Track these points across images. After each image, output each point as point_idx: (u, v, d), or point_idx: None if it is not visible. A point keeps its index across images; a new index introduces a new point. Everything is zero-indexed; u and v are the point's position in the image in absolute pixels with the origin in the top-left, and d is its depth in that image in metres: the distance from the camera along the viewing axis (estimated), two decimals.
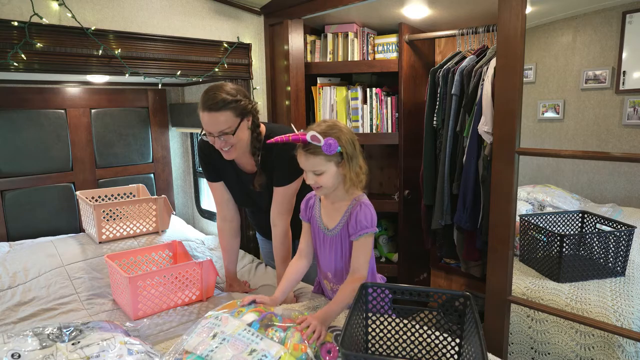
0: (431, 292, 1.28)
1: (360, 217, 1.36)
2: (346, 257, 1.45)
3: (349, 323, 1.11)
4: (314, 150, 1.30)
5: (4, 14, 1.64)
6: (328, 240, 1.46)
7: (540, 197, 2.55)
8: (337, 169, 1.34)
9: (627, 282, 1.85)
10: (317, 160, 1.31)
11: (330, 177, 1.34)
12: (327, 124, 1.35)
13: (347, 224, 1.40)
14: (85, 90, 2.55)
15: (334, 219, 1.43)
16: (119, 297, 1.77)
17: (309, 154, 1.31)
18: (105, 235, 2.21)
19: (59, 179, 2.51)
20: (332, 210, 1.44)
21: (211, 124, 1.50)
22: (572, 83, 2.48)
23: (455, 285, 2.80)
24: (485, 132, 2.05)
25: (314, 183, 1.36)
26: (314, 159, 1.31)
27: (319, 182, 1.35)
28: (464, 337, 1.22)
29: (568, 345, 1.71)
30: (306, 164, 1.34)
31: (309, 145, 1.29)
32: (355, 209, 1.38)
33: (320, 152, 1.29)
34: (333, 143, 1.27)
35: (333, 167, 1.33)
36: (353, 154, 1.34)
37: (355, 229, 1.37)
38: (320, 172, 1.33)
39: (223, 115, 1.49)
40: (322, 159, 1.31)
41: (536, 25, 2.55)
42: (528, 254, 2.09)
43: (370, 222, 1.37)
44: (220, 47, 2.25)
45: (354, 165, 1.35)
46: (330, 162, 1.32)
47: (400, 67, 2.47)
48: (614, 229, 1.96)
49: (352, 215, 1.38)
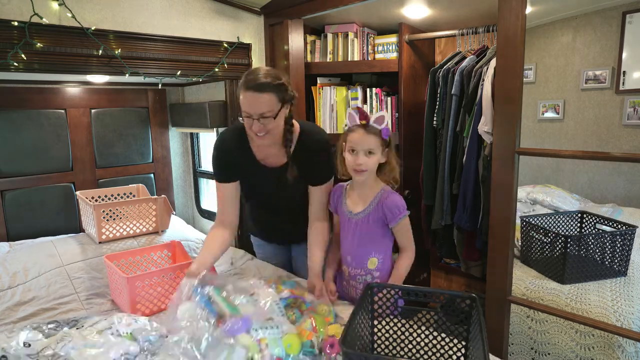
0: (437, 293, 1.29)
1: (395, 202, 1.51)
2: (372, 241, 1.56)
3: (352, 322, 1.11)
4: (373, 131, 1.46)
5: (4, 14, 1.64)
6: (352, 223, 1.57)
7: (540, 197, 2.55)
8: (381, 156, 1.49)
9: (628, 282, 1.85)
10: (374, 140, 1.46)
11: (377, 160, 1.49)
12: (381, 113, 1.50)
13: (379, 209, 1.52)
14: (85, 90, 2.55)
15: (360, 205, 1.57)
16: (118, 298, 1.77)
17: (369, 133, 1.46)
18: (105, 235, 2.21)
19: (59, 179, 2.51)
20: (358, 197, 1.58)
21: (253, 105, 1.46)
22: (572, 83, 2.48)
23: (455, 285, 2.80)
24: (485, 132, 2.05)
25: (363, 163, 1.47)
26: (372, 139, 1.46)
27: (367, 163, 1.47)
28: (470, 339, 1.21)
29: (568, 346, 1.71)
30: (363, 143, 1.46)
31: (371, 125, 1.46)
32: (386, 196, 1.52)
33: (378, 134, 1.46)
34: (388, 130, 1.48)
35: (380, 151, 1.48)
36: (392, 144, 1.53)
37: (393, 214, 1.51)
38: (373, 153, 1.47)
39: (267, 96, 1.46)
40: (378, 140, 1.46)
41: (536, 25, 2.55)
42: (528, 254, 2.08)
43: (404, 206, 1.53)
44: (220, 47, 2.24)
45: (390, 159, 1.52)
46: (381, 146, 1.48)
47: (400, 67, 2.47)
48: (614, 229, 1.96)
49: (386, 203, 1.51)
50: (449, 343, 1.26)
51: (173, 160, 3.00)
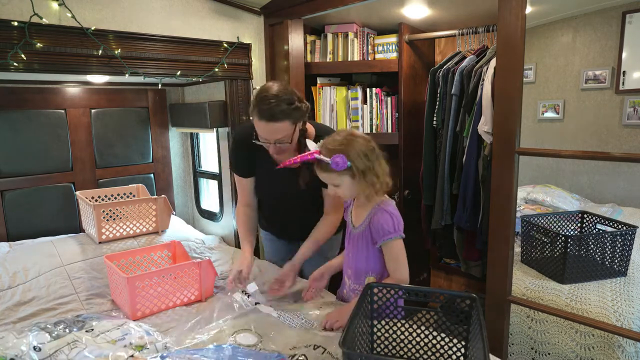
0: (437, 293, 1.29)
1: (381, 222, 1.39)
2: (366, 259, 1.47)
3: (352, 322, 1.11)
4: (325, 167, 1.35)
5: (4, 14, 1.64)
6: (354, 237, 1.50)
7: (540, 197, 2.55)
8: (352, 181, 1.37)
9: (628, 282, 1.85)
10: (331, 175, 1.37)
11: (347, 188, 1.39)
12: (341, 137, 1.37)
13: (369, 226, 1.43)
14: (85, 90, 2.55)
15: (360, 217, 1.48)
16: (118, 298, 1.77)
17: (322, 171, 1.39)
18: (105, 235, 2.20)
19: (59, 179, 2.51)
20: (360, 208, 1.49)
21: (269, 133, 1.51)
22: (572, 83, 2.48)
23: (455, 285, 2.80)
24: (485, 132, 2.05)
25: (334, 194, 1.43)
26: (327, 174, 1.38)
27: (338, 193, 1.41)
28: (470, 339, 1.21)
29: (568, 346, 1.71)
30: (323, 178, 1.41)
31: (320, 162, 1.36)
32: (376, 213, 1.41)
33: (329, 168, 1.34)
34: (340, 160, 1.31)
35: (348, 179, 1.37)
36: (366, 166, 1.35)
37: (378, 234, 1.40)
38: (337, 185, 1.39)
39: (282, 124, 1.48)
40: (334, 174, 1.36)
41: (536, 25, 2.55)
42: (528, 254, 2.08)
43: (392, 227, 1.39)
44: (220, 47, 2.24)
45: (369, 177, 1.36)
46: (343, 175, 1.36)
47: (400, 67, 2.47)
48: (615, 229, 1.96)
49: (373, 220, 1.41)
50: (448, 343, 1.26)
51: (173, 161, 3.00)
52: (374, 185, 1.37)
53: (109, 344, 1.32)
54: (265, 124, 1.48)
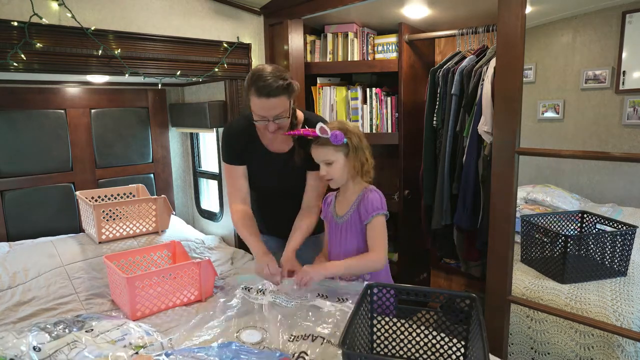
0: (437, 293, 1.29)
1: (371, 199, 1.49)
2: (354, 243, 1.56)
3: (352, 322, 1.11)
4: (323, 142, 1.46)
5: (3, 14, 1.64)
6: (338, 228, 1.58)
7: (540, 197, 2.55)
8: (345, 160, 1.49)
9: (627, 282, 1.85)
10: (327, 150, 1.47)
11: (339, 167, 1.49)
12: (338, 122, 1.53)
13: (358, 209, 1.52)
14: (85, 90, 2.55)
15: (344, 207, 1.57)
16: (118, 298, 1.77)
17: (319, 146, 1.48)
18: (105, 235, 2.20)
19: (59, 179, 2.51)
20: (344, 200, 1.59)
21: (268, 109, 1.53)
22: (572, 83, 2.48)
23: (455, 285, 2.80)
24: (485, 132, 2.05)
25: (326, 174, 1.50)
26: (324, 150, 1.47)
27: (330, 172, 1.49)
28: (470, 339, 1.21)
29: (568, 345, 1.71)
30: (318, 155, 1.50)
31: (319, 138, 1.46)
32: (365, 194, 1.52)
33: (329, 143, 1.45)
34: (339, 134, 1.44)
35: (342, 157, 1.48)
36: (358, 145, 1.49)
37: (367, 211, 1.49)
38: (330, 162, 1.48)
39: (280, 100, 1.53)
40: (331, 149, 1.47)
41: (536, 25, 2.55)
42: (528, 254, 2.08)
43: (380, 205, 1.50)
44: (220, 47, 2.24)
45: (359, 155, 1.49)
46: (338, 152, 1.47)
47: (400, 67, 2.47)
48: (615, 229, 1.96)
49: (362, 201, 1.51)
50: (448, 343, 1.26)
51: (173, 161, 3.00)
52: (363, 165, 1.50)
53: (109, 344, 1.32)
54: (265, 101, 1.51)
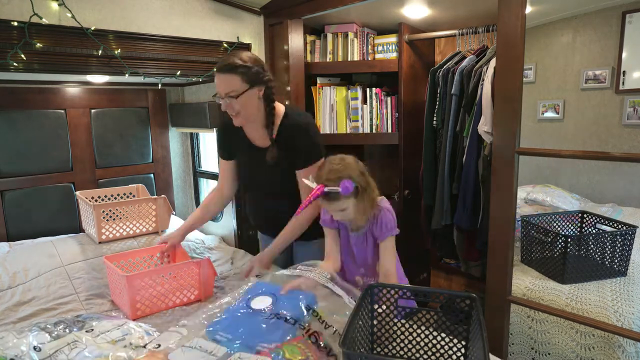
0: (437, 293, 1.29)
1: (385, 221, 1.53)
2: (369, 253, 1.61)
3: (352, 322, 1.11)
4: (334, 197, 1.45)
5: (3, 14, 1.63)
6: (358, 240, 1.61)
7: (540, 197, 2.55)
8: (356, 201, 1.49)
9: (628, 282, 1.85)
10: (339, 203, 1.46)
11: (353, 209, 1.50)
12: (336, 166, 1.47)
13: (372, 228, 1.56)
14: (85, 90, 2.55)
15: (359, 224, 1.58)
16: (117, 298, 1.77)
17: (331, 201, 1.46)
18: (105, 235, 2.20)
19: (59, 179, 2.51)
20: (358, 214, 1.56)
21: (219, 85, 1.59)
22: (572, 83, 2.48)
23: (455, 285, 2.80)
24: (485, 132, 2.05)
25: (341, 218, 1.54)
26: (336, 203, 1.47)
27: (344, 217, 1.52)
28: (470, 339, 1.21)
29: (568, 346, 1.71)
30: (330, 208, 1.50)
31: (328, 194, 1.44)
32: (379, 214, 1.54)
33: (340, 197, 1.43)
34: (349, 185, 1.42)
35: (352, 200, 1.48)
36: (365, 182, 1.50)
37: (380, 232, 1.54)
38: (344, 209, 1.49)
39: (230, 78, 1.55)
40: (342, 200, 1.46)
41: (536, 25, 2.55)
42: (528, 254, 2.08)
43: (392, 226, 1.54)
44: (220, 47, 2.24)
45: (368, 192, 1.50)
46: (349, 198, 1.47)
47: (400, 67, 2.47)
48: (615, 229, 1.96)
49: (376, 223, 1.54)
50: (448, 343, 1.26)
51: (173, 161, 3.00)
52: (372, 200, 1.52)
53: (109, 344, 1.31)
54: (217, 76, 1.58)
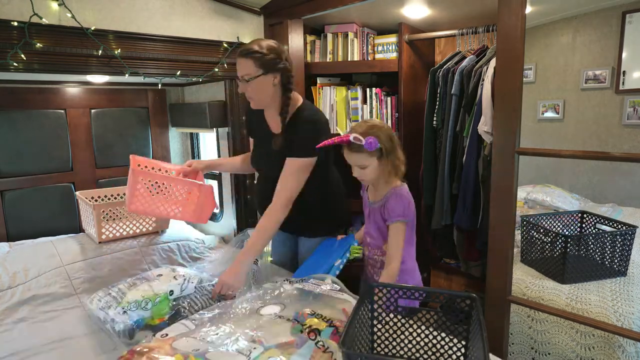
0: (437, 293, 1.29)
1: (392, 204, 1.56)
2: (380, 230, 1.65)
3: (352, 322, 1.11)
4: (357, 149, 1.50)
5: (3, 14, 1.64)
6: (372, 210, 1.67)
7: (540, 197, 2.55)
8: (379, 162, 1.54)
9: (628, 282, 1.85)
10: (361, 156, 1.52)
11: (373, 170, 1.55)
12: (367, 124, 1.54)
13: (384, 205, 1.59)
14: (85, 90, 2.55)
15: (376, 197, 1.66)
16: (127, 191, 1.84)
17: (353, 152, 1.53)
18: (105, 235, 2.20)
19: (59, 179, 2.51)
20: (376, 192, 1.67)
21: (237, 68, 1.66)
22: (572, 83, 2.48)
23: (455, 285, 2.80)
24: (485, 132, 2.05)
25: (359, 176, 1.58)
26: (358, 156, 1.52)
27: (362, 175, 1.56)
28: (470, 339, 1.21)
29: (568, 346, 1.71)
30: (352, 160, 1.55)
31: (352, 144, 1.50)
32: (391, 196, 1.58)
33: (363, 149, 1.49)
34: (373, 141, 1.47)
35: (375, 161, 1.54)
36: (391, 148, 1.54)
37: (389, 214, 1.57)
38: (364, 167, 1.54)
39: (245, 62, 1.62)
40: (365, 155, 1.51)
41: (536, 25, 2.55)
42: (528, 254, 2.08)
43: (401, 211, 1.55)
44: (220, 47, 2.24)
45: (392, 158, 1.55)
46: (372, 157, 1.52)
47: (400, 67, 2.46)
48: (615, 229, 1.96)
49: (388, 201, 1.58)
50: (448, 343, 1.26)
51: (173, 160, 3.00)
52: (395, 167, 1.56)
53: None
54: (237, 59, 1.65)
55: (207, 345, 1.20)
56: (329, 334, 1.25)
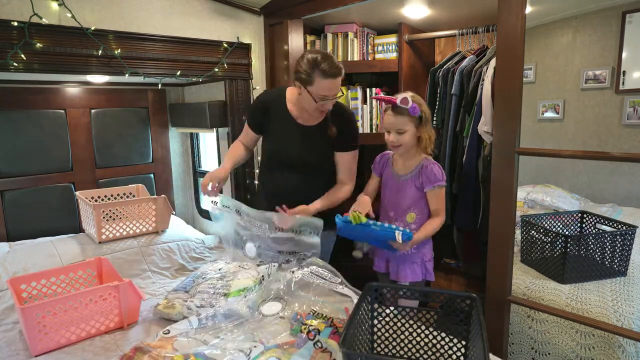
0: (437, 293, 1.29)
1: (434, 171, 1.66)
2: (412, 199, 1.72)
3: (352, 322, 1.11)
4: (400, 112, 1.61)
5: (3, 14, 1.64)
6: (401, 183, 1.74)
7: (540, 197, 2.55)
8: (415, 130, 1.64)
9: (628, 282, 1.85)
10: (403, 119, 1.62)
11: (410, 136, 1.64)
12: (409, 94, 1.63)
13: (419, 175, 1.69)
14: (85, 90, 2.55)
15: (405, 169, 1.74)
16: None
17: (396, 114, 1.63)
18: (105, 235, 2.20)
19: (59, 179, 2.51)
20: (404, 164, 1.75)
21: (334, 88, 1.71)
22: (572, 83, 2.47)
23: (455, 285, 2.79)
24: (485, 132, 2.05)
25: (395, 141, 1.65)
26: (400, 118, 1.62)
27: (400, 140, 1.64)
28: (470, 339, 1.21)
29: (568, 346, 1.71)
30: (392, 123, 1.64)
31: (397, 107, 1.61)
32: (427, 164, 1.68)
33: (406, 113, 1.60)
34: (416, 107, 1.60)
35: (413, 127, 1.64)
36: (427, 120, 1.66)
37: (429, 180, 1.66)
38: (403, 131, 1.63)
39: (340, 79, 1.71)
40: (406, 119, 1.62)
41: (536, 25, 2.55)
42: (528, 254, 2.08)
43: (441, 176, 1.67)
44: (220, 47, 2.24)
45: (428, 128, 1.66)
46: (411, 122, 1.63)
47: (400, 67, 2.46)
48: (615, 229, 1.96)
49: (424, 169, 1.67)
50: (448, 343, 1.26)
51: (173, 161, 3.00)
52: (428, 139, 1.66)
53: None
54: (332, 81, 1.67)
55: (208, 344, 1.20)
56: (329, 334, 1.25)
